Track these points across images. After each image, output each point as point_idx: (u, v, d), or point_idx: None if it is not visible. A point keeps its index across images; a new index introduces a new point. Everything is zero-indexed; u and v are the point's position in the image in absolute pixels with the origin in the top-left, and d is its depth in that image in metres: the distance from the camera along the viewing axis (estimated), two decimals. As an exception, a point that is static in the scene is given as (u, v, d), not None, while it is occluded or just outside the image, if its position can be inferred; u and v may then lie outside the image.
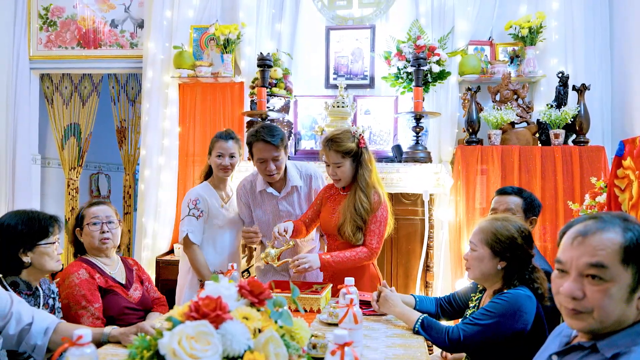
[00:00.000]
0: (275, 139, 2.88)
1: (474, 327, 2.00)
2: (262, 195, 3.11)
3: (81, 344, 1.23)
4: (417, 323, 2.12)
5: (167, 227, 4.55)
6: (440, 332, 2.05)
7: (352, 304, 1.78)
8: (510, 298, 1.99)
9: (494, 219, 2.14)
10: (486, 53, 4.45)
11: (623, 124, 4.13)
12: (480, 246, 2.10)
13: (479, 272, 2.12)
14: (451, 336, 2.01)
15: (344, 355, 1.23)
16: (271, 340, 1.25)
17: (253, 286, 1.39)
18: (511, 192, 2.81)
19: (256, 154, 2.93)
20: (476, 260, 2.12)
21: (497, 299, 2.03)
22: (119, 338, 1.98)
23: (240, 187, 3.20)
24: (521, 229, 2.07)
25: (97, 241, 2.62)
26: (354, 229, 2.76)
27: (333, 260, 2.71)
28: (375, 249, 2.76)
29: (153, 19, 4.63)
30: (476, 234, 2.13)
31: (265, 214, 3.12)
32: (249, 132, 3.08)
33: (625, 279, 1.29)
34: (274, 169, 2.93)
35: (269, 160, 2.91)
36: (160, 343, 1.16)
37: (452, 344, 2.02)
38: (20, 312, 1.93)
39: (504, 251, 2.05)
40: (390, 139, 4.38)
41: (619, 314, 1.30)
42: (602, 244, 1.32)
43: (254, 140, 2.91)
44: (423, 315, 2.15)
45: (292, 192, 3.10)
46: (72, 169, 5.50)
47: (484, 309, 2.04)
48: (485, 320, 1.99)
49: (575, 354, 1.39)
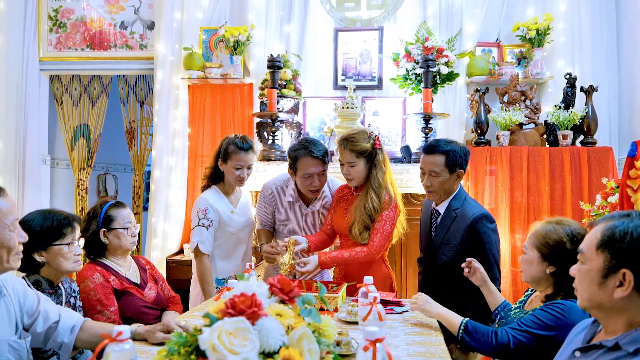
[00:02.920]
0: (322, 152, 2.88)
1: (524, 334, 1.95)
2: (288, 206, 3.09)
3: (121, 340, 1.26)
4: (461, 328, 2.06)
5: (177, 227, 4.59)
6: (486, 334, 2.00)
7: (376, 302, 1.81)
8: (564, 310, 1.94)
9: (547, 222, 2.09)
10: (494, 55, 4.49)
11: (631, 124, 4.17)
12: (530, 249, 2.07)
13: (529, 275, 2.08)
14: (500, 339, 1.96)
15: (376, 351, 1.27)
16: (305, 337, 1.28)
17: (283, 284, 1.43)
18: (435, 150, 2.69)
19: (302, 168, 2.87)
20: (526, 264, 2.09)
21: (550, 309, 1.97)
22: (144, 335, 2.00)
23: (266, 190, 3.16)
24: (573, 234, 1.99)
25: (129, 244, 2.64)
26: (362, 229, 2.79)
27: (331, 260, 2.77)
28: (375, 248, 2.77)
29: (163, 20, 4.67)
30: (530, 237, 2.10)
31: (290, 222, 3.11)
32: (292, 146, 3.00)
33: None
34: (318, 185, 2.91)
35: (315, 175, 2.88)
36: (200, 339, 1.19)
37: (500, 348, 1.96)
38: (47, 310, 1.96)
39: (552, 255, 2.00)
40: (399, 140, 4.41)
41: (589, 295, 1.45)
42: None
43: (301, 155, 2.87)
44: (466, 319, 2.10)
45: (320, 209, 3.11)
46: (82, 169, 5.53)
47: (534, 316, 1.98)
48: (538, 330, 1.94)
49: (598, 351, 1.43)
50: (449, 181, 2.69)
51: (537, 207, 3.88)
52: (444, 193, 2.72)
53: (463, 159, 2.70)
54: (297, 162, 2.88)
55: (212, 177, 3.23)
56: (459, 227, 2.64)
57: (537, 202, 3.89)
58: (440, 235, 2.70)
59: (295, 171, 2.92)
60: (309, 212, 3.09)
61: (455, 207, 2.69)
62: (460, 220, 2.64)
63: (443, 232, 2.69)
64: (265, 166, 4.06)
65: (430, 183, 2.70)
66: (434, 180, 2.68)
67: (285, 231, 3.13)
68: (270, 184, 3.17)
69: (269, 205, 3.16)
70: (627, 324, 1.38)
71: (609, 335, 1.42)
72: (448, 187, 2.71)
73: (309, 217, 3.10)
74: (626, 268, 1.36)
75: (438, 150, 2.67)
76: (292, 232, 3.09)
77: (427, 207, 2.92)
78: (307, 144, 2.90)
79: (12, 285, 1.90)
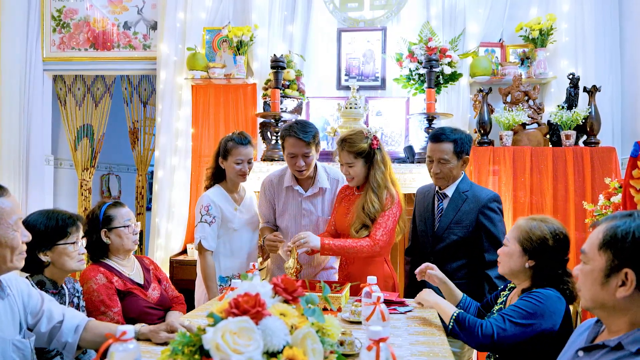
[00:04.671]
0: (307, 135, 2.95)
1: (507, 323, 2.01)
2: (287, 192, 3.16)
3: (125, 339, 1.27)
4: (452, 318, 2.12)
5: (180, 228, 4.60)
6: (473, 326, 2.06)
7: (379, 302, 1.81)
8: (542, 298, 2.03)
9: (532, 218, 2.17)
10: (497, 55, 4.49)
11: (634, 124, 4.16)
12: (512, 242, 2.15)
13: (508, 267, 2.17)
14: (484, 331, 2.03)
15: (380, 350, 1.27)
16: (308, 336, 1.28)
17: (287, 284, 1.43)
18: (443, 139, 2.83)
19: (287, 148, 2.99)
20: (506, 256, 2.18)
21: (528, 298, 2.05)
22: (148, 335, 2.00)
23: (267, 182, 3.25)
24: (556, 232, 2.09)
25: (131, 243, 2.66)
26: (359, 227, 2.81)
27: (334, 245, 2.76)
28: (378, 240, 2.76)
29: (166, 20, 4.68)
30: (512, 231, 2.19)
31: (288, 211, 3.16)
32: (283, 126, 3.19)
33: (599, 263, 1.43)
34: (303, 165, 2.98)
35: (299, 156, 2.96)
36: (205, 338, 1.19)
37: (486, 339, 2.02)
38: (51, 310, 1.96)
39: (534, 250, 2.09)
40: (402, 140, 4.41)
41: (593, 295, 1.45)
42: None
43: (287, 135, 2.98)
44: (458, 311, 2.16)
45: (318, 193, 3.15)
46: (85, 169, 5.54)
47: (515, 306, 2.06)
48: (519, 318, 2.01)
49: (601, 350, 1.43)
50: (457, 167, 2.85)
51: (540, 207, 3.88)
52: (452, 178, 2.87)
53: (468, 145, 2.88)
54: (284, 142, 3.02)
55: (214, 176, 3.25)
56: (471, 208, 2.80)
57: (540, 202, 3.89)
58: (450, 216, 2.84)
59: (283, 150, 3.05)
60: (308, 196, 3.13)
61: (465, 190, 2.86)
62: (472, 201, 2.81)
63: (453, 213, 2.83)
64: (268, 166, 4.06)
65: (440, 170, 2.83)
66: (443, 167, 2.83)
67: (284, 224, 3.17)
68: (269, 176, 3.28)
69: (269, 198, 3.22)
70: (630, 324, 1.39)
71: (612, 335, 1.42)
72: (455, 173, 2.86)
73: (308, 202, 3.14)
74: (628, 268, 1.36)
75: (446, 138, 2.82)
76: (290, 224, 3.15)
77: (425, 193, 3.06)
78: (295, 125, 3.01)
79: (16, 285, 1.90)
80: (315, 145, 3.00)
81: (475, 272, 2.75)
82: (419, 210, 3.05)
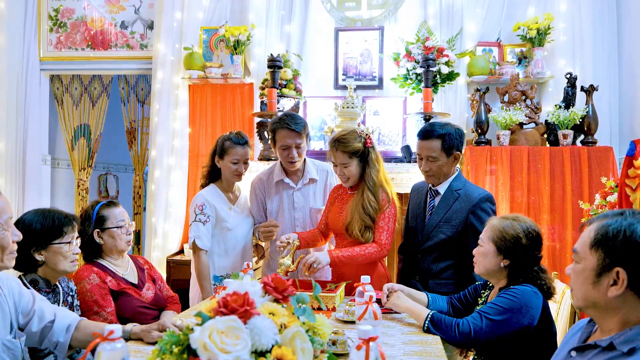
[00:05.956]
0: (298, 126, 2.99)
1: (483, 320, 2.05)
2: (278, 186, 3.19)
3: (112, 339, 1.26)
4: (427, 320, 2.15)
5: (177, 227, 4.59)
6: (449, 326, 2.09)
7: (372, 301, 1.80)
8: (517, 293, 2.05)
9: (504, 217, 2.20)
10: (494, 54, 4.48)
11: (631, 124, 4.16)
12: (486, 242, 2.17)
13: (483, 267, 2.20)
14: (461, 329, 2.06)
15: (369, 349, 1.26)
16: (298, 335, 1.27)
17: (277, 283, 1.42)
18: (431, 135, 2.73)
19: (279, 140, 3.02)
20: (481, 256, 2.20)
21: (504, 294, 2.08)
22: (140, 335, 1.99)
23: (256, 181, 3.27)
24: (528, 230, 2.12)
25: (124, 243, 2.64)
26: (362, 228, 2.79)
27: (343, 256, 2.75)
28: (385, 245, 2.80)
29: (163, 20, 4.67)
30: (485, 231, 2.21)
31: (280, 205, 3.18)
32: (272, 119, 3.21)
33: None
34: (296, 156, 3.02)
35: (292, 147, 3.00)
36: (192, 337, 1.19)
37: (463, 337, 2.05)
38: (42, 310, 1.95)
39: (508, 250, 2.12)
40: (399, 140, 4.40)
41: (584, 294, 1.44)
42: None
43: (278, 127, 3.01)
44: (432, 312, 2.18)
45: (308, 184, 3.18)
46: (82, 169, 5.53)
47: (492, 302, 2.10)
48: (494, 315, 2.04)
49: (593, 350, 1.42)
50: (447, 164, 2.75)
51: (538, 206, 3.88)
52: (443, 176, 2.79)
53: (459, 140, 2.76)
54: (276, 134, 3.04)
55: (210, 175, 3.25)
56: (462, 206, 2.70)
57: (538, 202, 3.89)
58: (440, 214, 2.75)
59: (275, 143, 3.07)
60: (299, 189, 3.16)
61: (457, 188, 2.76)
62: (464, 200, 2.71)
63: (444, 211, 2.74)
64: (265, 165, 4.04)
65: (429, 167, 2.76)
66: (432, 165, 2.74)
67: (278, 219, 3.19)
68: (258, 175, 3.33)
69: (260, 197, 3.24)
70: (622, 323, 1.38)
71: (605, 335, 1.42)
72: (446, 170, 2.77)
73: (299, 194, 3.17)
74: (620, 266, 1.35)
75: (434, 134, 2.72)
76: (283, 217, 3.18)
77: (419, 189, 2.99)
78: (286, 117, 3.04)
79: (7, 284, 1.89)
80: (305, 136, 3.05)
81: (463, 273, 2.69)
82: (412, 207, 3.01)
